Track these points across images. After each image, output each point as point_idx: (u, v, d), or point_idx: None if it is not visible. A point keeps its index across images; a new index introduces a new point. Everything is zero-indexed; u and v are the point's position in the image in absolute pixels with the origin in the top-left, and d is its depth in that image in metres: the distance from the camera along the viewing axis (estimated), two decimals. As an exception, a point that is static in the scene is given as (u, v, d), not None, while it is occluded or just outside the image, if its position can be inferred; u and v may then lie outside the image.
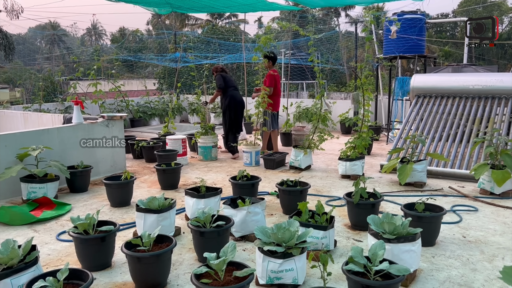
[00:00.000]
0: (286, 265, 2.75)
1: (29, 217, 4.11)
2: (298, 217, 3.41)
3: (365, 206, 3.84)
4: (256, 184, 4.63)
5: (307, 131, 7.93)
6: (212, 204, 4.07)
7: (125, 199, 4.67)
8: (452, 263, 3.21)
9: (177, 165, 5.34)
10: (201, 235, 3.21)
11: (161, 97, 12.06)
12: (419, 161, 5.39)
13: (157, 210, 3.56)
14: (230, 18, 44.14)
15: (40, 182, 4.71)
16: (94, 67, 9.59)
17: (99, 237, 3.07)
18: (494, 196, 4.88)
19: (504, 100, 6.50)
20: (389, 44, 9.09)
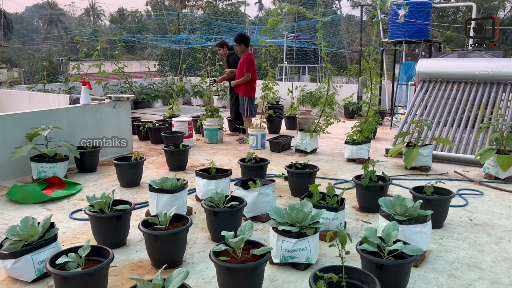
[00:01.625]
0: (300, 245, 2.81)
1: (41, 196, 4.17)
2: (309, 199, 3.47)
3: (374, 189, 3.90)
4: (265, 167, 4.68)
5: (313, 115, 7.96)
6: (222, 185, 4.13)
7: (135, 179, 4.71)
8: (460, 244, 3.29)
9: (185, 147, 5.37)
10: (215, 215, 3.26)
11: (164, 79, 12.02)
12: (425, 145, 5.44)
13: (170, 190, 3.61)
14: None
15: (50, 162, 4.75)
16: (97, 48, 9.53)
17: (115, 216, 3.13)
18: (498, 181, 4.95)
19: (509, 86, 6.52)
20: (395, 28, 9.05)
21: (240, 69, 6.90)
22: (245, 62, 6.79)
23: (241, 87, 7.00)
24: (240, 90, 7.04)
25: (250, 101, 7.04)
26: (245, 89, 6.97)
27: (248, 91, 7.00)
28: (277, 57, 18.21)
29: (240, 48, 6.98)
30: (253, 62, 6.92)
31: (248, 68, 6.80)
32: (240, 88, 7.04)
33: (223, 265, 2.40)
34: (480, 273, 2.85)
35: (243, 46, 6.93)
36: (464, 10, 42.74)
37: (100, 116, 5.84)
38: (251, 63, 6.84)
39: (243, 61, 6.81)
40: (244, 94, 6.99)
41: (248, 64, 6.80)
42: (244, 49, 6.96)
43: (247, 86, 6.97)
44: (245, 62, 6.79)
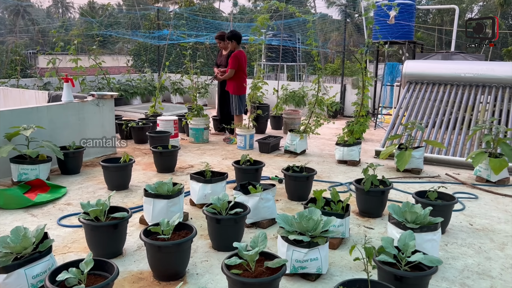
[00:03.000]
0: (311, 255, 2.70)
1: (25, 200, 3.91)
2: (314, 205, 3.36)
3: (375, 194, 3.83)
4: (260, 169, 4.55)
5: (299, 115, 7.88)
6: (219, 189, 3.98)
7: (123, 182, 4.50)
8: (466, 251, 3.25)
9: (174, 147, 5.18)
10: (217, 222, 3.11)
11: (143, 75, 11.69)
12: (417, 147, 5.43)
13: (167, 196, 3.43)
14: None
15: (32, 164, 4.47)
16: (74, 42, 9.14)
17: (112, 224, 2.93)
18: (490, 184, 4.98)
19: (494, 88, 6.61)
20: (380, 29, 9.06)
21: (232, 65, 6.75)
22: (232, 59, 6.67)
23: (232, 85, 6.86)
24: (230, 87, 6.89)
25: (240, 100, 6.90)
26: (236, 87, 6.82)
27: (239, 89, 6.86)
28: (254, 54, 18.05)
29: (232, 45, 6.84)
30: (241, 60, 6.75)
31: (234, 65, 6.67)
32: (231, 86, 6.89)
33: (237, 279, 2.26)
34: (492, 281, 2.81)
35: (235, 43, 6.79)
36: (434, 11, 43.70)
37: (82, 115, 5.57)
38: (238, 61, 6.68)
39: (231, 58, 6.68)
40: (234, 93, 6.84)
41: (235, 61, 6.66)
42: (235, 47, 6.82)
43: (237, 83, 6.84)
44: (232, 59, 6.67)
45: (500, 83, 6.64)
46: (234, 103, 6.89)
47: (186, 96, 12.13)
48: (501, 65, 6.97)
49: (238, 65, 6.72)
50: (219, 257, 3.04)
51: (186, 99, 12.16)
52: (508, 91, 6.51)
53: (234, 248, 3.14)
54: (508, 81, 6.59)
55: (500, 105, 6.38)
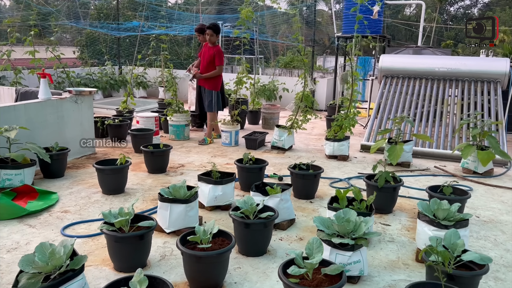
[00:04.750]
0: (354, 257, 2.65)
1: (18, 210, 3.55)
2: (337, 204, 3.32)
3: (387, 190, 3.85)
4: (263, 168, 4.43)
5: (278, 110, 7.81)
6: (229, 191, 3.84)
7: (120, 186, 4.22)
8: (484, 244, 3.34)
9: (167, 147, 4.94)
10: (246, 226, 2.98)
11: (103, 68, 11.10)
12: (407, 141, 5.54)
13: (185, 200, 3.24)
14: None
15: (16, 168, 4.08)
16: (31, 33, 8.49)
17: (138, 235, 2.72)
18: (477, 175, 5.18)
19: (467, 82, 6.88)
20: (349, 23, 9.17)
21: (208, 61, 6.41)
22: (218, 54, 6.34)
23: (209, 80, 6.56)
24: (207, 83, 6.60)
25: (218, 96, 6.65)
26: (214, 82, 6.55)
27: (216, 85, 6.60)
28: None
29: (212, 38, 6.35)
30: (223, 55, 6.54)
31: (221, 61, 6.38)
32: (207, 82, 6.60)
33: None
34: (520, 273, 2.89)
35: (216, 36, 6.40)
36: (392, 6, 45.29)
37: (61, 113, 5.17)
38: (223, 56, 6.46)
39: (215, 53, 6.33)
40: (211, 88, 6.57)
41: (221, 56, 6.38)
42: (215, 40, 6.46)
43: (215, 79, 6.56)
44: (218, 55, 6.34)
45: (472, 77, 6.93)
46: (213, 99, 6.56)
47: (150, 90, 11.71)
48: (473, 60, 7.27)
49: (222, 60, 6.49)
50: (251, 263, 2.92)
51: (150, 93, 11.73)
52: (479, 84, 6.81)
53: (263, 253, 3.06)
54: (479, 75, 6.89)
55: (474, 98, 6.65)
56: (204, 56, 6.51)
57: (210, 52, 6.40)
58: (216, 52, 6.34)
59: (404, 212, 3.96)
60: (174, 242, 3.16)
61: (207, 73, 6.47)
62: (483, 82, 6.84)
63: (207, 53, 6.44)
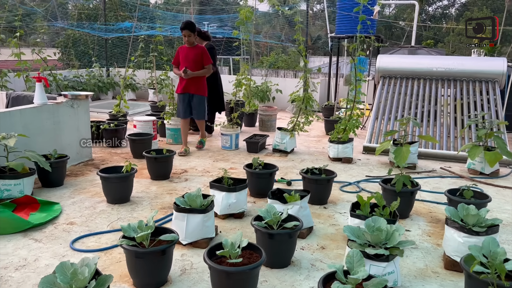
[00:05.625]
0: (389, 268, 2.54)
1: (22, 223, 3.34)
2: (360, 211, 3.21)
3: (405, 194, 3.77)
4: (274, 173, 4.30)
5: (275, 112, 7.69)
6: (243, 198, 3.70)
7: (125, 194, 4.03)
8: (509, 249, 3.28)
9: (170, 152, 4.77)
10: (270, 237, 2.85)
11: (90, 70, 10.80)
12: (412, 143, 5.48)
13: (202, 210, 3.09)
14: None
15: (15, 178, 3.86)
16: (17, 34, 8.18)
17: (160, 250, 2.55)
18: (484, 176, 5.16)
19: (465, 82, 6.88)
20: (343, 23, 9.12)
21: (195, 62, 5.63)
22: (204, 53, 5.68)
23: (200, 83, 5.78)
24: (196, 88, 5.76)
25: (205, 102, 5.96)
26: (203, 87, 5.84)
27: (205, 90, 5.90)
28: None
29: (190, 38, 5.61)
30: None
31: (209, 59, 5.73)
32: (198, 85, 5.76)
33: (346, 306, 2.03)
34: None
35: (194, 35, 5.67)
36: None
37: (57, 118, 4.94)
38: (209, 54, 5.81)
39: (202, 52, 5.65)
40: (202, 93, 5.82)
41: (208, 55, 5.73)
42: (193, 40, 5.70)
43: (203, 83, 5.85)
44: (205, 53, 5.68)
45: (470, 77, 6.93)
46: (205, 106, 5.90)
47: (139, 92, 11.45)
48: (470, 60, 7.29)
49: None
50: (276, 276, 2.78)
51: (139, 95, 11.47)
52: (477, 84, 6.82)
53: (287, 264, 2.93)
54: (477, 75, 6.90)
55: (473, 98, 6.65)
56: (188, 58, 5.64)
57: (195, 52, 5.64)
58: (202, 50, 5.67)
59: (420, 216, 3.88)
60: (192, 254, 3.03)
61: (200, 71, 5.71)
62: (481, 81, 6.85)
63: (192, 53, 5.64)
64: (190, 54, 5.64)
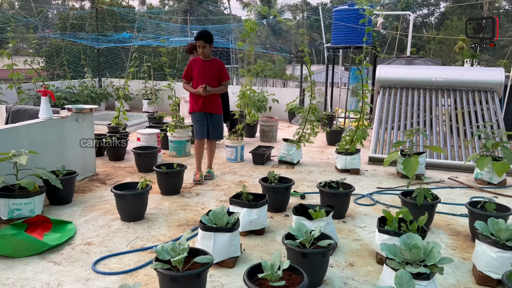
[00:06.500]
0: (429, 287, 2.50)
1: (39, 245, 3.20)
2: (389, 226, 3.18)
3: (425, 208, 3.74)
4: (290, 187, 4.24)
5: (276, 122, 7.66)
6: (263, 214, 3.64)
7: (140, 212, 3.92)
8: (534, 261, 3.27)
9: (181, 166, 4.67)
10: (303, 257, 2.78)
11: (83, 81, 10.61)
12: (420, 153, 5.50)
13: (229, 228, 3.02)
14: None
15: (25, 197, 3.72)
16: (9, 45, 8.00)
17: (196, 274, 2.47)
18: (492, 186, 5.19)
19: (464, 92, 6.97)
20: (339, 34, 9.16)
21: (213, 78, 5.00)
22: (224, 67, 5.12)
23: (219, 102, 5.23)
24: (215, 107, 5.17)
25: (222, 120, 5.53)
26: (220, 105, 5.29)
27: (221, 107, 5.35)
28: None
29: (206, 50, 4.93)
30: None
31: (228, 75, 5.18)
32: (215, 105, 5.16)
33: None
34: None
35: (210, 46, 4.98)
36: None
37: (63, 133, 4.81)
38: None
39: (221, 67, 5.08)
40: (220, 112, 5.27)
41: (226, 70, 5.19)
42: (209, 52, 5.03)
43: (219, 100, 5.29)
44: (224, 68, 5.12)
45: (469, 87, 7.02)
46: (221, 125, 5.35)
47: (133, 103, 11.30)
48: (469, 70, 7.39)
49: None
50: (311, 296, 2.72)
51: (132, 106, 11.32)
52: (477, 94, 6.91)
53: (319, 284, 2.88)
54: (476, 85, 6.99)
55: (473, 108, 6.73)
56: (205, 73, 5.00)
57: (213, 66, 5.04)
58: (220, 65, 5.10)
59: (440, 229, 3.87)
60: (221, 275, 2.96)
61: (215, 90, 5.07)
62: (480, 91, 6.95)
63: (209, 68, 5.02)
64: (208, 69, 5.00)
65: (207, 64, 5.04)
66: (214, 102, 5.15)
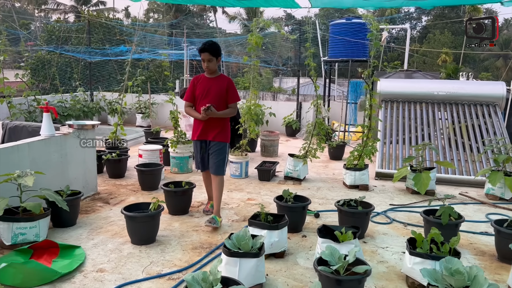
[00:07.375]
0: (475, 315, 2.38)
1: (50, 274, 2.98)
2: (420, 249, 3.05)
3: (449, 227, 3.64)
4: (306, 207, 4.09)
5: (278, 137, 7.52)
6: (284, 236, 3.48)
7: (151, 234, 3.72)
8: None
9: (190, 185, 4.49)
10: (338, 284, 2.63)
11: (74, 95, 10.34)
12: (430, 169, 5.42)
13: (256, 254, 2.86)
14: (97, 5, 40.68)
15: (30, 220, 3.49)
16: (0, 58, 7.74)
17: (230, 304, 2.30)
18: (504, 202, 5.13)
19: (466, 106, 6.96)
20: (336, 47, 9.13)
21: (219, 97, 4.12)
22: (233, 86, 4.20)
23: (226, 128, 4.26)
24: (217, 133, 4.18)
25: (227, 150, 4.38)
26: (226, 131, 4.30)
27: (228, 135, 4.34)
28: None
29: (211, 64, 4.08)
30: None
31: (238, 96, 4.26)
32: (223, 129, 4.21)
33: None
34: None
35: (218, 60, 4.12)
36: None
37: (65, 151, 4.59)
38: None
39: (229, 85, 4.16)
40: (224, 140, 4.23)
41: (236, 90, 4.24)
42: (215, 67, 4.17)
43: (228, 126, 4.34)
44: (233, 87, 4.20)
45: (471, 101, 7.02)
46: (225, 157, 4.27)
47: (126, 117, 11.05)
48: (470, 84, 7.40)
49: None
50: (348, 326, 2.56)
51: (126, 120, 11.06)
52: (479, 108, 6.90)
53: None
54: (478, 98, 6.99)
55: (476, 121, 6.71)
56: (209, 92, 4.12)
57: (219, 84, 4.15)
58: (228, 83, 4.17)
59: (464, 248, 3.76)
60: (249, 304, 2.77)
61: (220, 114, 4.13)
62: (482, 105, 6.95)
63: (215, 86, 4.13)
64: (213, 87, 4.12)
65: (213, 82, 4.15)
66: (218, 127, 4.16)
